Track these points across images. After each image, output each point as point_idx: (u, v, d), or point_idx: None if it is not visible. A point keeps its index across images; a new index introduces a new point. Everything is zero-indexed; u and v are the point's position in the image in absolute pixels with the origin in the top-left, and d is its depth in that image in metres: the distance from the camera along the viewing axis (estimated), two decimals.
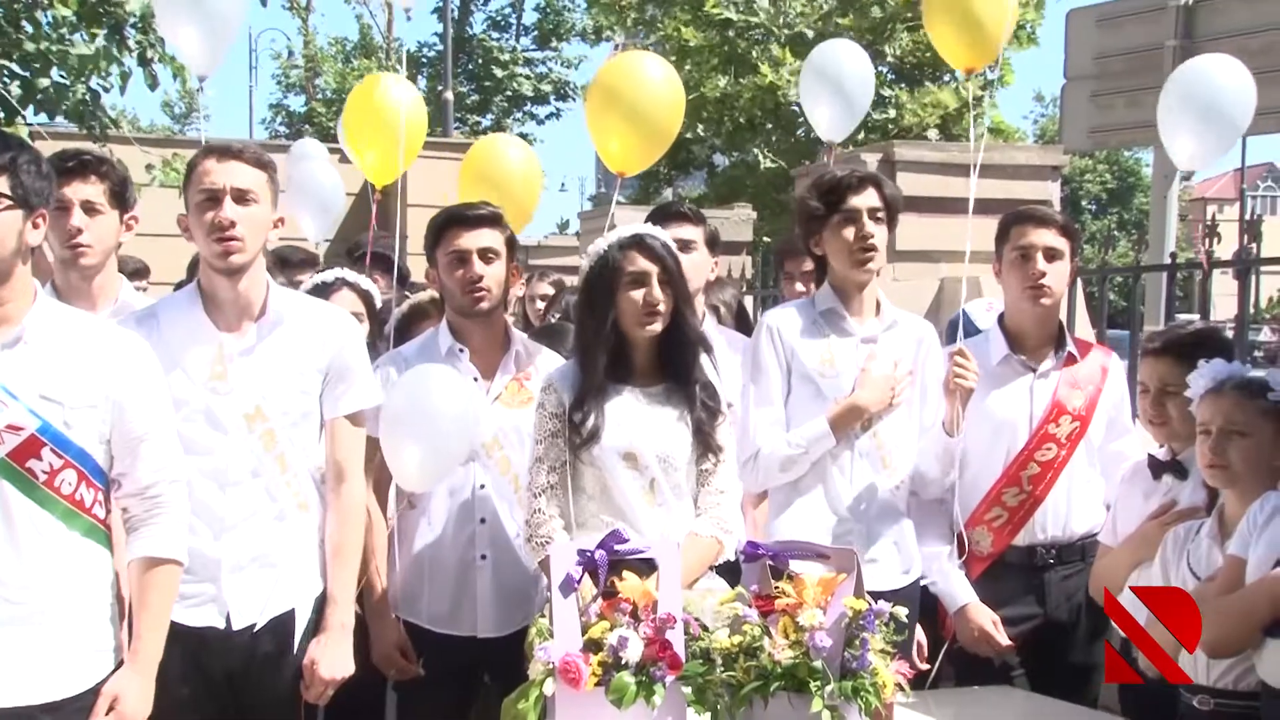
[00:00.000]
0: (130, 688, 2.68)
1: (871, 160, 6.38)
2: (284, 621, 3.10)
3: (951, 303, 5.25)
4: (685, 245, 3.79)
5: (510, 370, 3.61)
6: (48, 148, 3.24)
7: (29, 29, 7.41)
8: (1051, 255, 3.70)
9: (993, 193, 5.46)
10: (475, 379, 3.54)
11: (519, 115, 27.60)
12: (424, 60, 26.63)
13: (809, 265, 4.13)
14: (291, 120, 28.15)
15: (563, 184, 52.38)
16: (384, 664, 3.47)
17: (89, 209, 3.39)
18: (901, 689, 2.67)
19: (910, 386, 3.63)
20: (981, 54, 3.91)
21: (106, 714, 2.64)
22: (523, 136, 27.27)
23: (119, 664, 2.73)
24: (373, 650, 3.43)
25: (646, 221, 3.59)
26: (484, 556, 3.51)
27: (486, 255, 3.52)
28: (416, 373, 3.36)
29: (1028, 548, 3.73)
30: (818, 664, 2.55)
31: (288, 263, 5.02)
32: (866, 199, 3.58)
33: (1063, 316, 4.15)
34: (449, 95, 18.87)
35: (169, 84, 8.44)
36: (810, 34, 14.49)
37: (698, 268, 3.94)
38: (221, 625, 3.04)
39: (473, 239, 3.51)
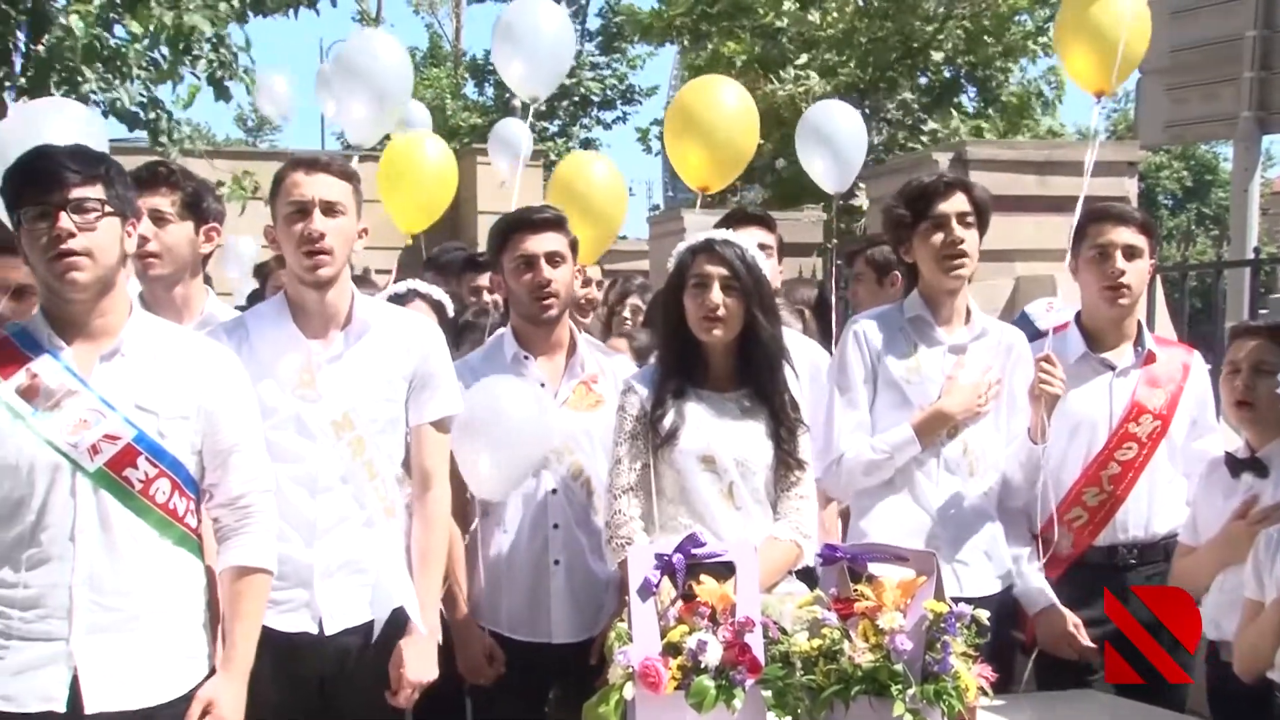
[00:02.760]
0: (224, 693, 2.72)
1: (943, 160, 6.34)
2: (373, 626, 3.14)
3: (1027, 302, 5.20)
4: (759, 249, 3.79)
5: (577, 374, 3.62)
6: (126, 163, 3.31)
7: (111, 42, 7.59)
8: (1130, 253, 3.65)
9: (1069, 190, 5.40)
10: (542, 385, 3.56)
11: (585, 120, 27.70)
12: (491, 68, 26.81)
13: (888, 269, 4.11)
14: None
15: (630, 189, 52.44)
16: (471, 672, 3.49)
17: (157, 219, 3.42)
18: (984, 692, 2.66)
19: (998, 395, 3.60)
20: (1115, 78, 3.87)
21: (201, 717, 2.69)
22: (588, 142, 27.59)
23: (212, 671, 2.78)
24: (458, 657, 3.46)
25: (722, 226, 3.59)
26: (557, 562, 3.53)
27: (553, 259, 3.52)
28: (486, 382, 3.38)
29: (1109, 548, 3.69)
30: (899, 667, 2.54)
31: None
32: (955, 204, 3.56)
33: (1142, 315, 4.09)
34: (517, 102, 18.94)
35: (242, 98, 8.61)
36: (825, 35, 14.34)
37: (772, 273, 3.94)
38: (314, 630, 3.08)
39: (539, 243, 3.52)
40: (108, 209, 2.65)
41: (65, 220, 2.59)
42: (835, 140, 5.10)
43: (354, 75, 4.53)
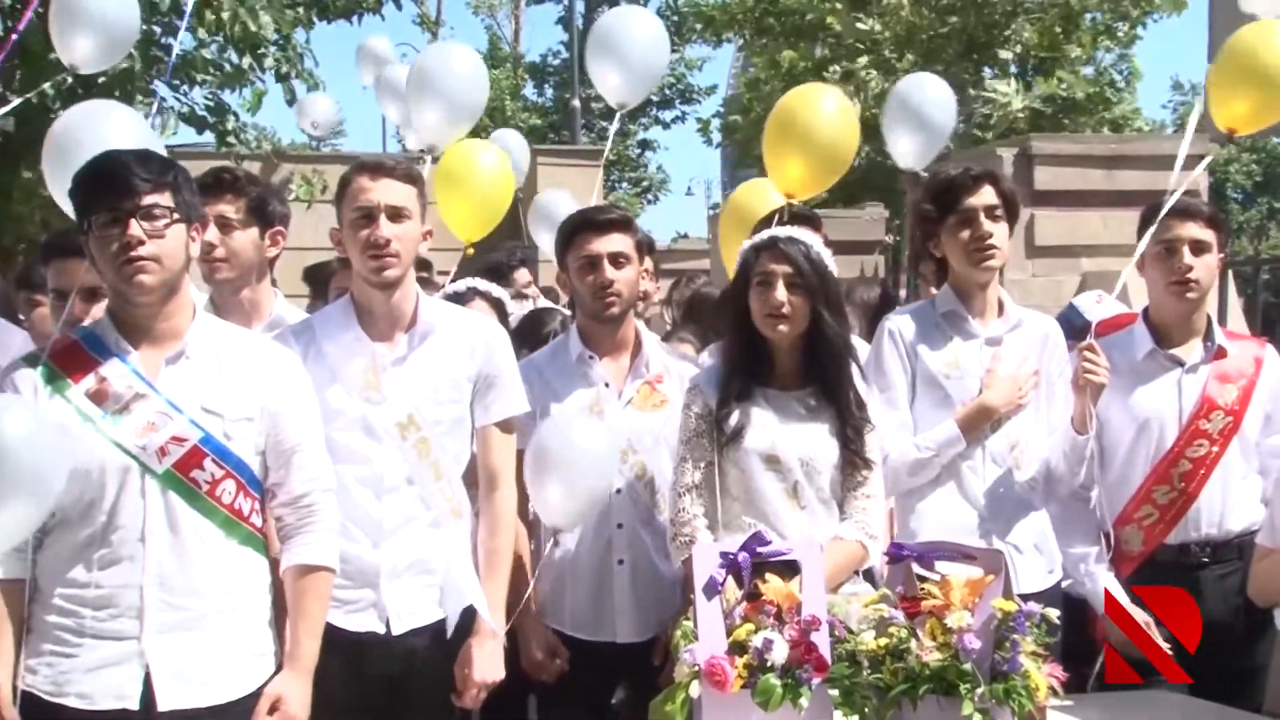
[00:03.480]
0: (291, 690, 2.75)
1: (1008, 155, 6.27)
2: (440, 627, 3.15)
3: None
4: None
5: (642, 374, 3.61)
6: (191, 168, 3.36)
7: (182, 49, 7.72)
8: (1198, 248, 3.59)
9: (1136, 185, 5.32)
10: (606, 384, 3.56)
11: (644, 120, 27.72)
12: (550, 69, 26.93)
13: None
14: None
15: (689, 188, 52.52)
16: (534, 668, 3.50)
17: (223, 225, 3.46)
18: (1055, 692, 2.62)
19: (1036, 385, 3.56)
20: (1259, 121, 3.83)
21: (269, 715, 2.72)
22: (646, 142, 27.61)
23: (278, 669, 2.81)
24: (521, 654, 3.46)
25: (759, 226, 3.58)
26: (621, 561, 3.53)
27: (617, 260, 3.53)
28: (559, 414, 3.39)
29: (1180, 546, 3.63)
30: (967, 666, 2.52)
31: None
32: (983, 197, 3.53)
33: (1212, 310, 4.02)
34: (576, 103, 19.02)
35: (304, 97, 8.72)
36: (887, 35, 14.18)
37: None
38: (381, 630, 3.10)
39: (603, 243, 3.52)
40: (175, 216, 2.70)
41: (135, 227, 2.63)
42: (924, 113, 4.97)
43: (429, 85, 4.56)
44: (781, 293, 3.15)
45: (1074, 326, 3.83)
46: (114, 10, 4.08)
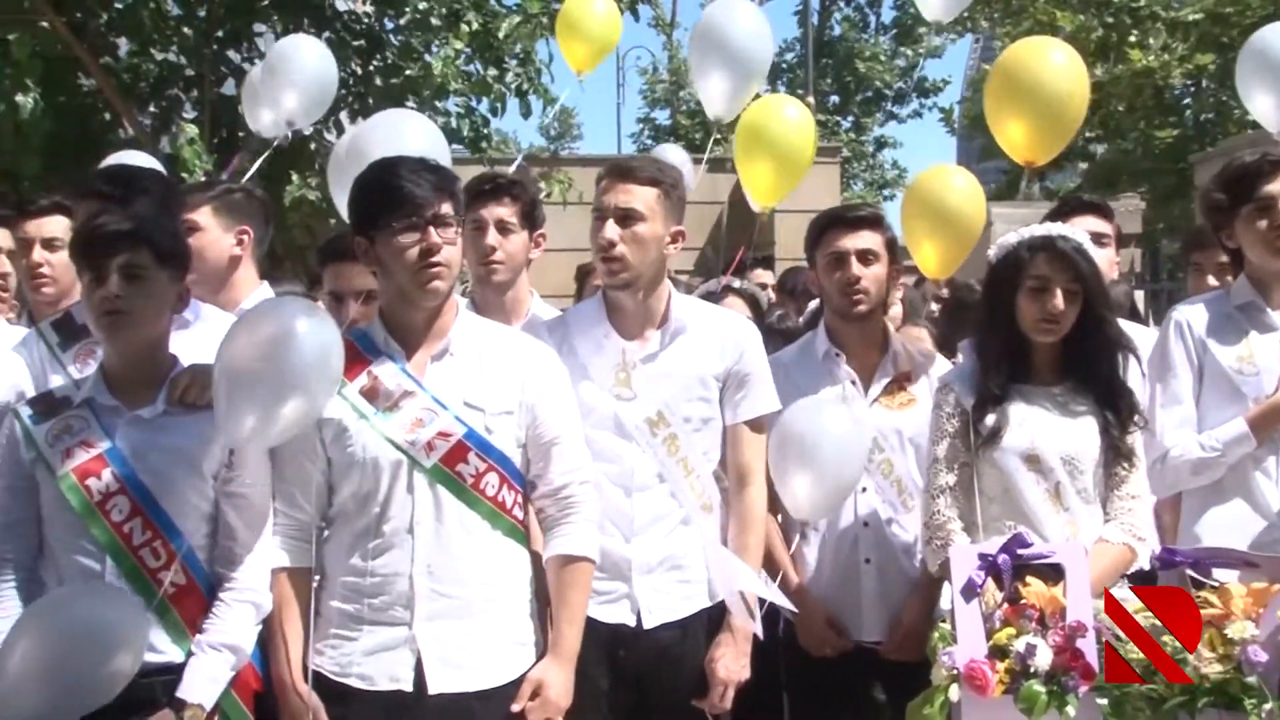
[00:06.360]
0: (553, 677, 2.82)
1: None
2: (691, 622, 3.18)
3: None
4: (1097, 239, 3.58)
5: (889, 372, 3.57)
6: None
7: (429, 61, 8.09)
8: None
9: None
10: (853, 382, 3.54)
11: (880, 115, 27.34)
12: (783, 65, 26.84)
13: (1222, 257, 3.86)
14: (658, 134, 29.04)
15: None
16: (814, 644, 3.47)
17: (502, 228, 3.58)
18: None
19: None
20: None
21: (531, 700, 2.80)
22: (882, 140, 27.20)
23: (539, 657, 2.88)
24: (800, 634, 3.46)
25: (1053, 217, 3.47)
26: (868, 560, 3.50)
27: (865, 257, 3.50)
28: (807, 402, 3.36)
29: None
30: (1252, 680, 2.41)
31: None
32: None
33: None
34: (810, 100, 18.93)
35: (537, 111, 9.00)
36: (1194, 18, 13.45)
37: (1107, 265, 3.78)
38: (632, 623, 3.15)
39: (851, 241, 3.51)
40: (459, 223, 2.82)
41: (434, 235, 2.76)
42: None
43: (714, 47, 4.60)
44: (1060, 301, 3.06)
45: None
46: (315, 66, 4.35)
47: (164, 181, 3.53)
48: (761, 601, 3.12)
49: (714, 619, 3.18)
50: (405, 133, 3.58)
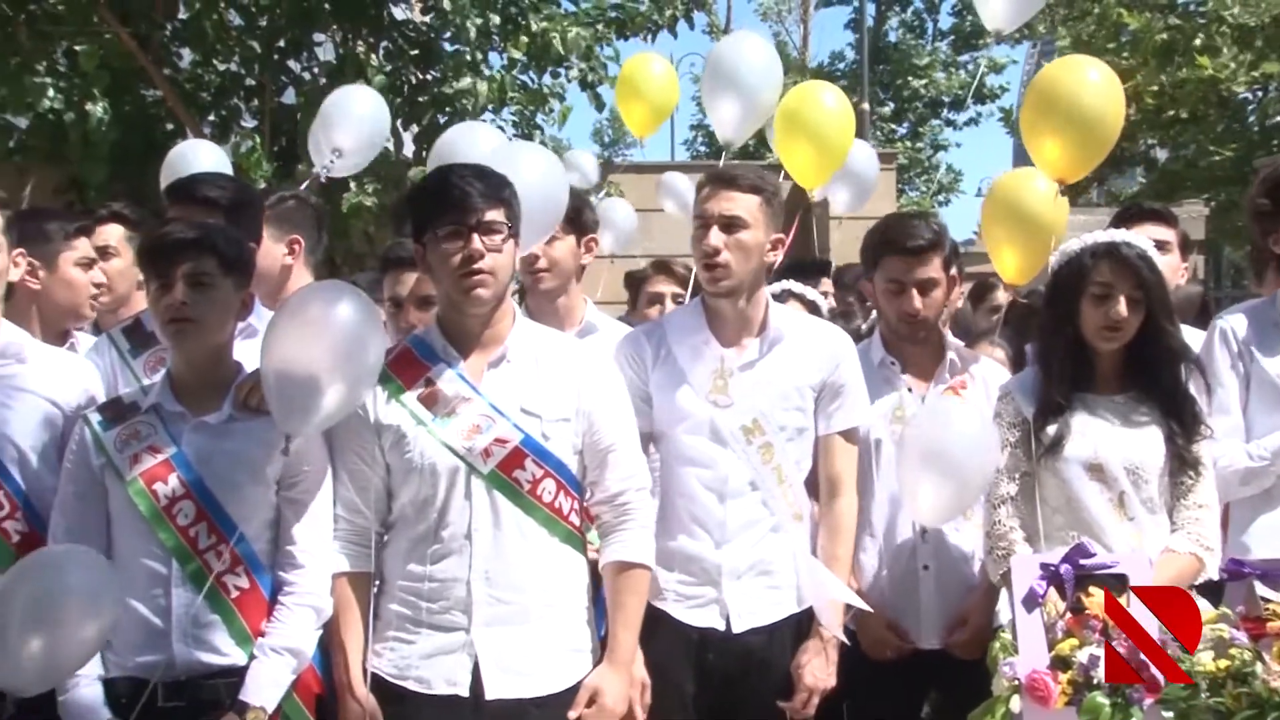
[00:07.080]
0: (610, 683, 2.83)
1: None
2: (778, 628, 3.18)
3: None
4: (1160, 246, 3.54)
5: (944, 380, 3.55)
6: None
7: (485, 70, 8.16)
8: None
9: None
10: (909, 390, 3.52)
11: (936, 122, 27.14)
12: (837, 72, 26.74)
13: None
14: (711, 140, 29.05)
15: (979, 189, 51.06)
16: (875, 648, 3.45)
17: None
18: None
19: None
20: None
21: (587, 707, 2.80)
22: (938, 145, 26.99)
23: (596, 664, 2.88)
24: (860, 638, 3.43)
25: (1116, 224, 3.43)
26: (926, 567, 3.48)
27: (925, 287, 3.47)
28: (936, 406, 3.36)
29: None
30: None
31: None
32: None
33: None
34: (865, 106, 18.84)
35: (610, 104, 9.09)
36: (1255, 24, 13.21)
37: (1172, 271, 3.73)
38: (721, 627, 3.15)
39: (911, 272, 3.46)
40: (510, 231, 2.83)
41: (477, 241, 2.77)
42: None
43: (724, 77, 4.64)
44: (1123, 308, 3.03)
45: None
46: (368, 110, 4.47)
47: (251, 193, 3.58)
48: (845, 610, 3.11)
49: (801, 625, 3.18)
50: (479, 140, 3.60)
